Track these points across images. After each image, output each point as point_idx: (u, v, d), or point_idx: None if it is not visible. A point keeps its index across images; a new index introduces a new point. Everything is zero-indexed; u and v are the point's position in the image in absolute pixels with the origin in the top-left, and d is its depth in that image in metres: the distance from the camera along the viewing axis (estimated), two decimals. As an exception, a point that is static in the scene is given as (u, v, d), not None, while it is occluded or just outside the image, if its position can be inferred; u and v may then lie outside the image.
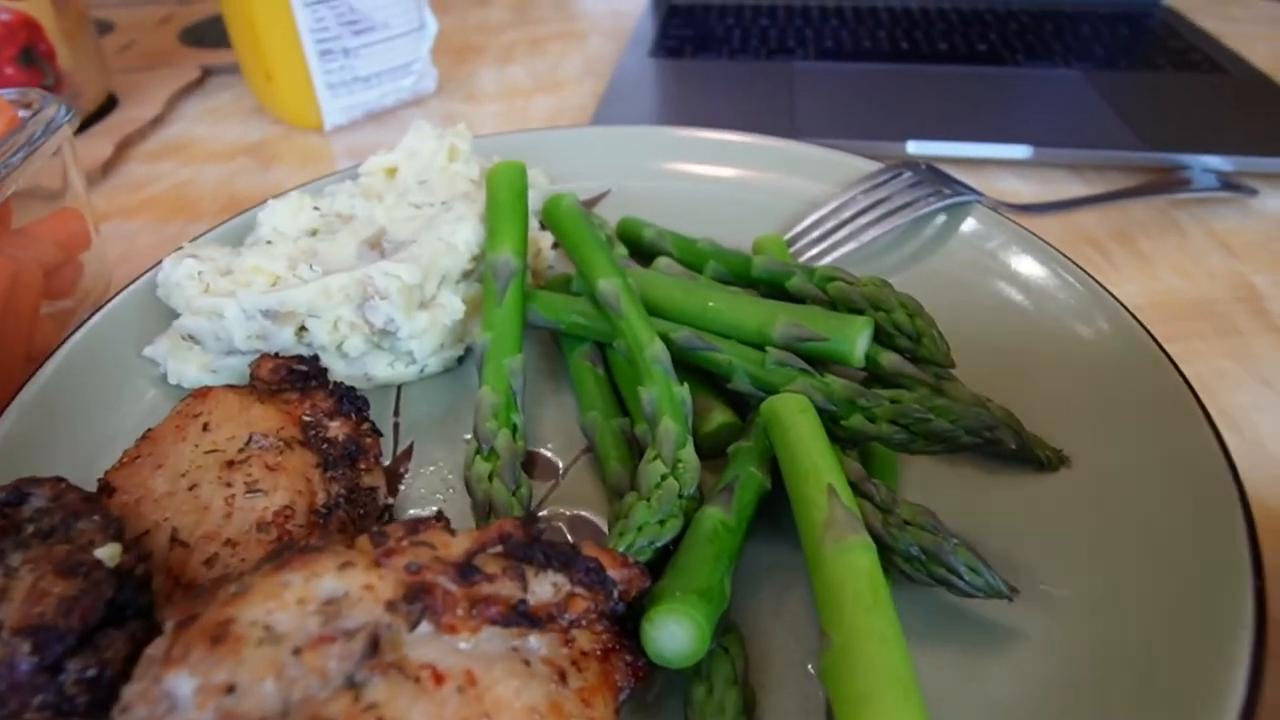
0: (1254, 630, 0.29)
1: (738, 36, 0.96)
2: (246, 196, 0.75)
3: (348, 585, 0.25)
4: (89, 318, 0.48)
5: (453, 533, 0.28)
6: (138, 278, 0.50)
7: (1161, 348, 0.42)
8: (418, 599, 0.25)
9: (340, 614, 0.25)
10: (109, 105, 0.90)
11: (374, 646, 0.24)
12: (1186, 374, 0.51)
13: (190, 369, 0.44)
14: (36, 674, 0.26)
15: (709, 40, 0.95)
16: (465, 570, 0.26)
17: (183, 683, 0.23)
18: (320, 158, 0.81)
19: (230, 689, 0.23)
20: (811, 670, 0.32)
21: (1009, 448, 0.36)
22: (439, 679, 0.24)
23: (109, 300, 0.49)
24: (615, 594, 0.28)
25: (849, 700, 0.26)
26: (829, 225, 0.54)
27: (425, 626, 0.25)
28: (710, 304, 0.43)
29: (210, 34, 1.07)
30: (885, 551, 0.32)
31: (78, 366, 0.45)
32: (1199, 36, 0.94)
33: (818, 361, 0.41)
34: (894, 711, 0.25)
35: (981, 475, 0.39)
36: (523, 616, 0.26)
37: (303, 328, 0.43)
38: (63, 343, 0.46)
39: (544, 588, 0.27)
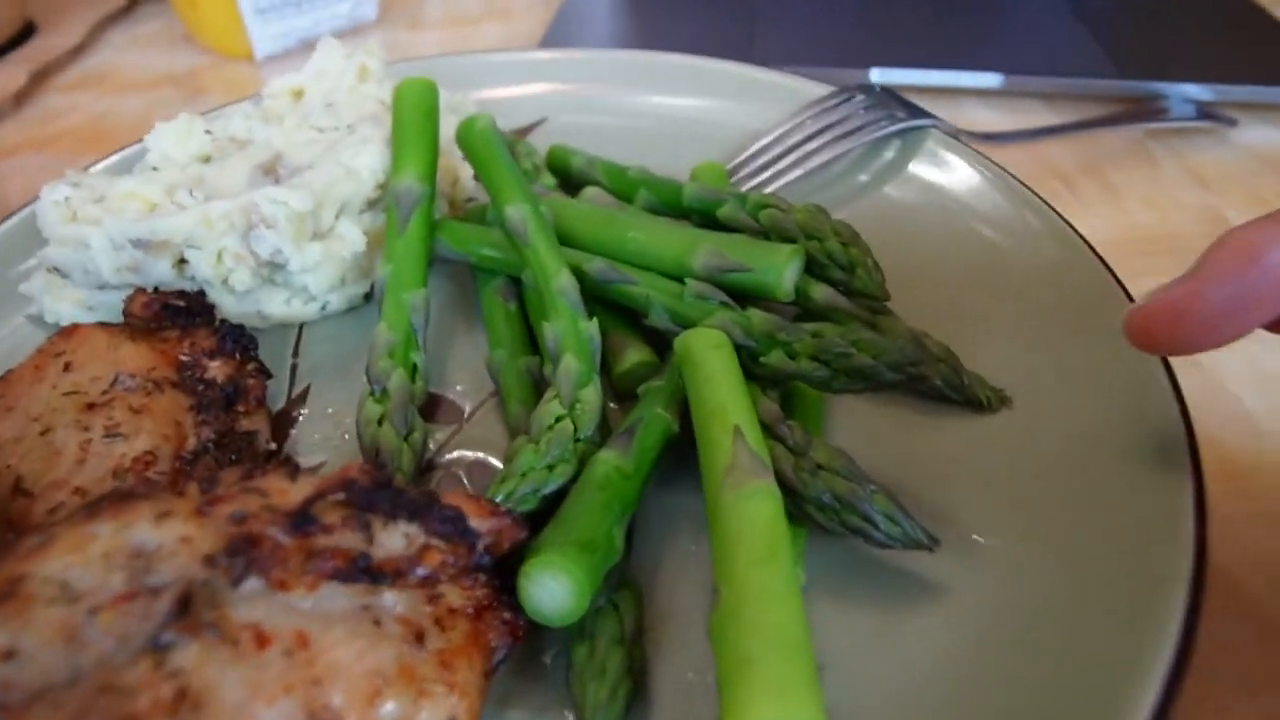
0: (1190, 586, 0.26)
1: (699, -41, 0.90)
2: (167, 128, 0.70)
3: (162, 537, 0.22)
4: (-35, 251, 0.44)
5: (294, 478, 0.25)
6: (20, 208, 0.47)
7: (1120, 283, 0.39)
8: (241, 552, 0.22)
9: (150, 569, 0.22)
10: (26, 32, 0.84)
11: (185, 605, 0.21)
12: (1147, 311, 0.48)
13: (65, 305, 0.41)
14: None
15: (669, -36, 0.90)
16: (299, 520, 0.23)
17: (-43, 649, 0.20)
18: (249, 88, 0.76)
19: (10, 654, 0.20)
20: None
21: (935, 384, 0.33)
22: (262, 641, 0.21)
23: (-12, 233, 0.45)
24: (480, 546, 0.25)
25: (731, 662, 0.23)
26: (774, 152, 0.50)
27: (254, 583, 0.22)
28: (630, 234, 0.39)
29: (142, -42, 1.01)
30: (795, 499, 0.29)
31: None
32: (1187, -40, 0.89)
33: (745, 296, 0.37)
34: (777, 678, 0.22)
35: (917, 418, 0.36)
36: (364, 572, 0.23)
37: (182, 260, 0.39)
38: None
39: (393, 539, 0.24)
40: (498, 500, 0.29)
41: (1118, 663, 0.26)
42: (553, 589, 0.26)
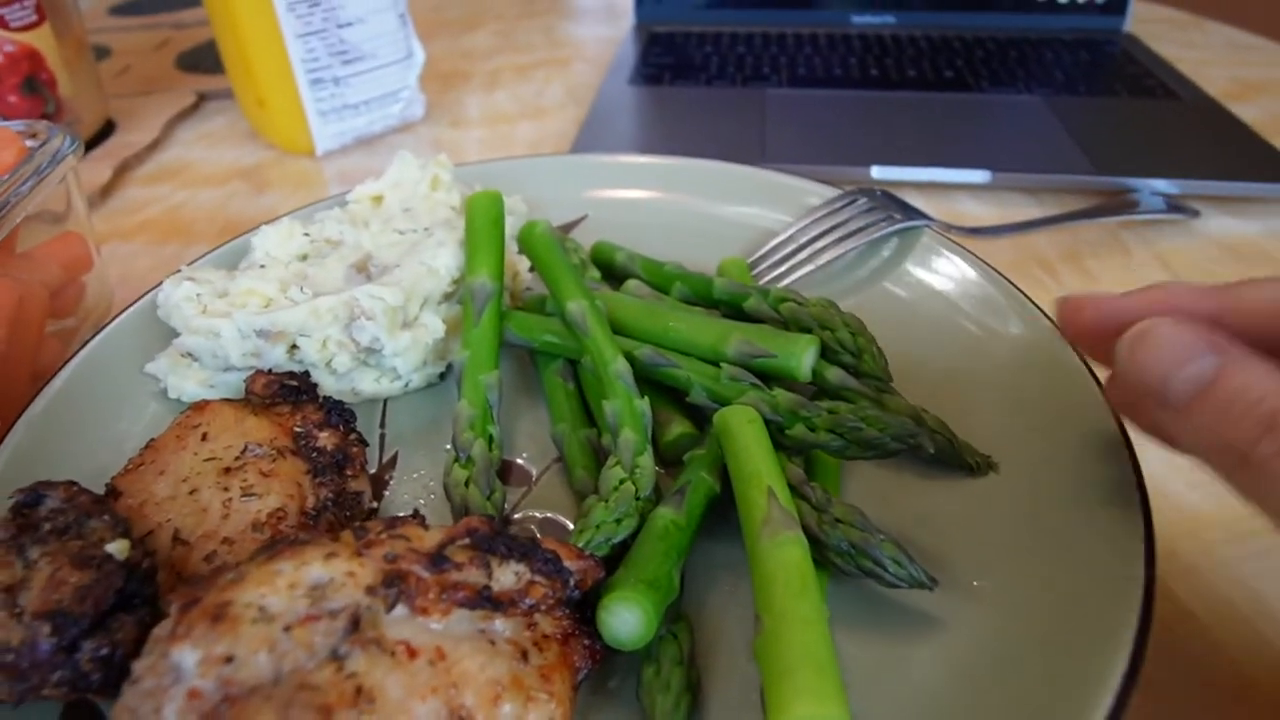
0: (1140, 614, 0.32)
1: (715, 64, 1.00)
2: (241, 219, 0.78)
3: (332, 572, 0.29)
4: (93, 336, 0.51)
5: (427, 528, 0.31)
6: (138, 299, 0.54)
7: (1087, 364, 0.46)
8: (394, 584, 0.29)
9: (325, 597, 0.28)
10: (107, 130, 0.93)
11: (355, 625, 0.28)
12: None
13: (189, 384, 0.48)
14: (55, 653, 0.29)
15: (687, 67, 1.00)
16: (436, 559, 0.29)
17: (186, 655, 0.26)
18: (312, 182, 0.85)
19: (229, 660, 0.26)
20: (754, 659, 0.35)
21: (929, 452, 0.39)
22: (412, 653, 0.28)
23: (111, 320, 0.52)
24: (571, 582, 0.32)
25: (773, 675, 0.29)
26: (789, 249, 0.58)
27: (401, 609, 0.29)
28: (671, 324, 0.46)
29: (206, 59, 1.11)
30: (819, 547, 0.36)
31: (82, 382, 0.49)
32: (1156, 63, 0.98)
33: (769, 377, 0.44)
34: (811, 683, 0.28)
35: (919, 481, 0.43)
36: (487, 600, 0.30)
37: (294, 346, 0.47)
38: (68, 360, 0.49)
39: (507, 576, 0.30)
40: (580, 546, 0.35)
41: (1079, 679, 0.31)
42: (626, 619, 0.33)
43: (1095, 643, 0.33)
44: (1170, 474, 0.48)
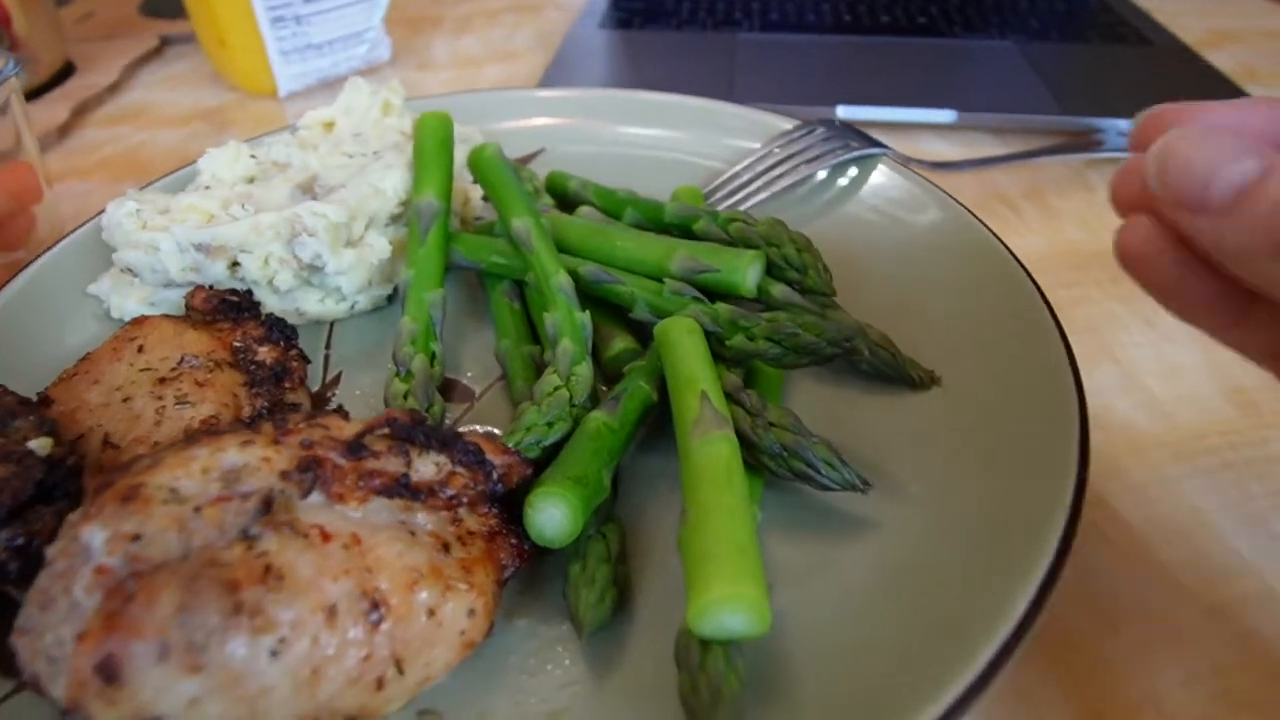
0: (1070, 508, 0.32)
1: (686, 9, 0.99)
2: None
3: (247, 458, 0.28)
4: (37, 258, 0.50)
5: (348, 420, 0.31)
6: (84, 223, 0.53)
7: (1038, 286, 0.45)
8: (309, 469, 0.28)
9: (239, 480, 0.28)
10: (66, 72, 0.91)
11: (268, 507, 0.27)
12: (1078, 315, 0.55)
13: (130, 302, 0.47)
14: (-32, 542, 0.29)
15: (658, 13, 0.98)
16: (354, 447, 0.29)
17: (95, 534, 0.26)
18: (274, 122, 0.83)
19: (136, 537, 0.26)
20: (685, 557, 0.35)
21: (867, 357, 0.39)
22: (326, 537, 0.27)
23: (57, 242, 0.51)
24: (494, 475, 0.31)
25: (694, 560, 0.29)
26: (745, 178, 0.57)
27: (317, 496, 0.29)
28: (617, 243, 0.46)
29: (169, 5, 1.09)
30: (752, 450, 0.35)
31: (25, 302, 0.48)
32: (1131, 11, 0.97)
33: (714, 292, 0.44)
34: (732, 568, 0.28)
35: (862, 395, 0.43)
36: (405, 488, 0.29)
37: (235, 263, 0.46)
38: (10, 280, 0.49)
39: (426, 466, 0.30)
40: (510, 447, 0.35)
41: (1005, 578, 0.31)
42: (553, 514, 0.32)
43: (1022, 544, 0.33)
44: (1120, 396, 0.49)
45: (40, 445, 0.32)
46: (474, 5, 1.10)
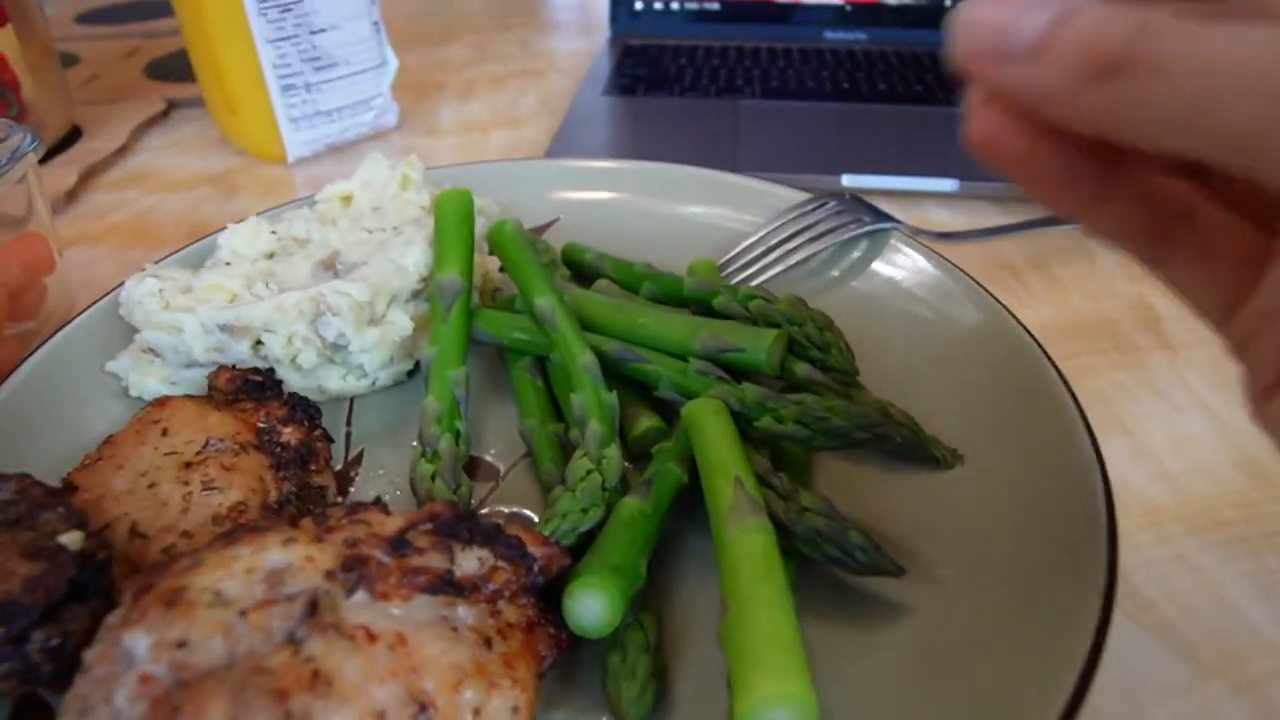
0: (1103, 594, 0.32)
1: (689, 76, 1.01)
2: (210, 224, 0.77)
3: (291, 557, 0.28)
4: (53, 334, 0.50)
5: (388, 514, 0.31)
6: (101, 298, 0.53)
7: (1053, 362, 0.46)
8: (354, 568, 0.28)
9: (283, 581, 0.28)
10: (73, 136, 0.92)
11: (313, 609, 0.27)
12: (1088, 386, 0.56)
13: (151, 381, 0.47)
14: (3, 644, 0.29)
15: (661, 79, 1.00)
16: (398, 544, 0.29)
17: (139, 641, 0.26)
18: (283, 188, 0.84)
19: (182, 644, 0.26)
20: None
21: (897, 442, 0.40)
22: (372, 638, 0.27)
23: (72, 319, 0.51)
24: (535, 568, 0.31)
25: (739, 656, 0.29)
26: (758, 250, 0.58)
27: (361, 595, 0.28)
28: (639, 320, 0.46)
29: (176, 68, 1.10)
30: (786, 535, 0.35)
31: (41, 381, 0.48)
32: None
33: (737, 372, 0.44)
34: (777, 665, 0.28)
35: (887, 475, 0.43)
36: (449, 585, 0.29)
37: (259, 342, 0.46)
38: (27, 357, 0.48)
39: (469, 561, 0.30)
40: (546, 534, 0.35)
41: (1040, 666, 0.31)
42: (592, 605, 0.32)
43: (1058, 628, 0.33)
44: (1133, 468, 0.49)
45: (72, 540, 0.32)
46: (478, 70, 1.12)
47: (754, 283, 0.57)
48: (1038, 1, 0.23)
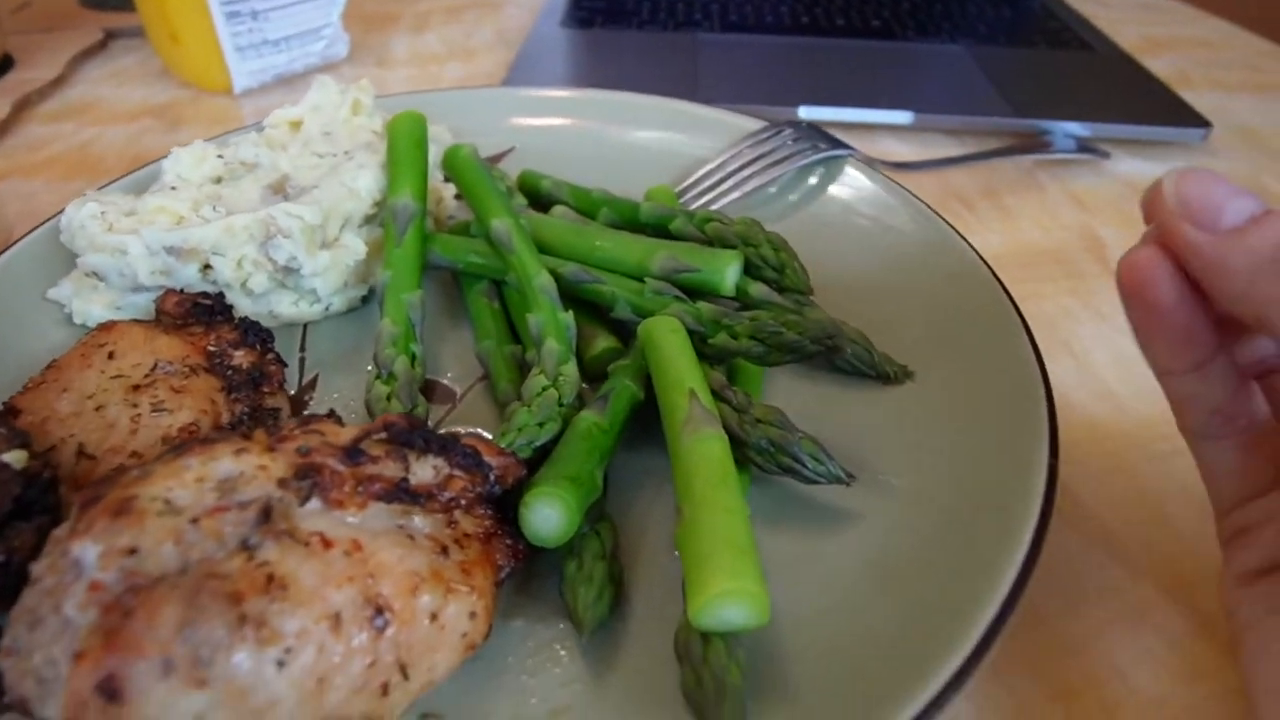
0: (1043, 497, 0.34)
1: (646, 9, 0.99)
2: (153, 157, 0.74)
3: (243, 466, 0.28)
4: (-7, 261, 0.49)
5: (342, 424, 0.31)
6: (39, 225, 0.51)
7: (1001, 283, 0.47)
8: (307, 476, 0.28)
9: (235, 489, 0.27)
10: (4, 66, 0.88)
11: (267, 516, 0.27)
12: (1035, 310, 0.57)
13: (95, 307, 0.46)
14: (-53, 559, 0.28)
15: (619, 12, 0.98)
16: (352, 452, 0.29)
17: (87, 549, 0.26)
18: (230, 120, 0.81)
19: (132, 551, 0.25)
20: (677, 554, 0.36)
21: (848, 357, 0.40)
22: (327, 544, 0.27)
23: (10, 245, 0.50)
24: (491, 477, 0.31)
25: (694, 559, 0.30)
26: (716, 178, 0.58)
27: (315, 502, 0.28)
28: (597, 243, 0.46)
29: (113, -3, 1.05)
30: (740, 446, 0.36)
31: (-19, 309, 0.46)
32: (1073, 18, 1.01)
33: (693, 292, 0.44)
34: (730, 566, 0.29)
35: (838, 390, 0.44)
36: (404, 493, 0.29)
37: (207, 266, 0.45)
38: (-36, 287, 0.47)
39: (424, 469, 0.30)
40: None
41: (986, 565, 0.33)
42: (548, 514, 0.33)
43: (1000, 532, 0.34)
44: (1078, 388, 0.51)
45: (15, 459, 0.31)
46: (433, 2, 1.09)
47: (711, 209, 0.57)
48: (1245, 193, 0.28)
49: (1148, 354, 0.32)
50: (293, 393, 0.45)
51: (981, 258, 0.49)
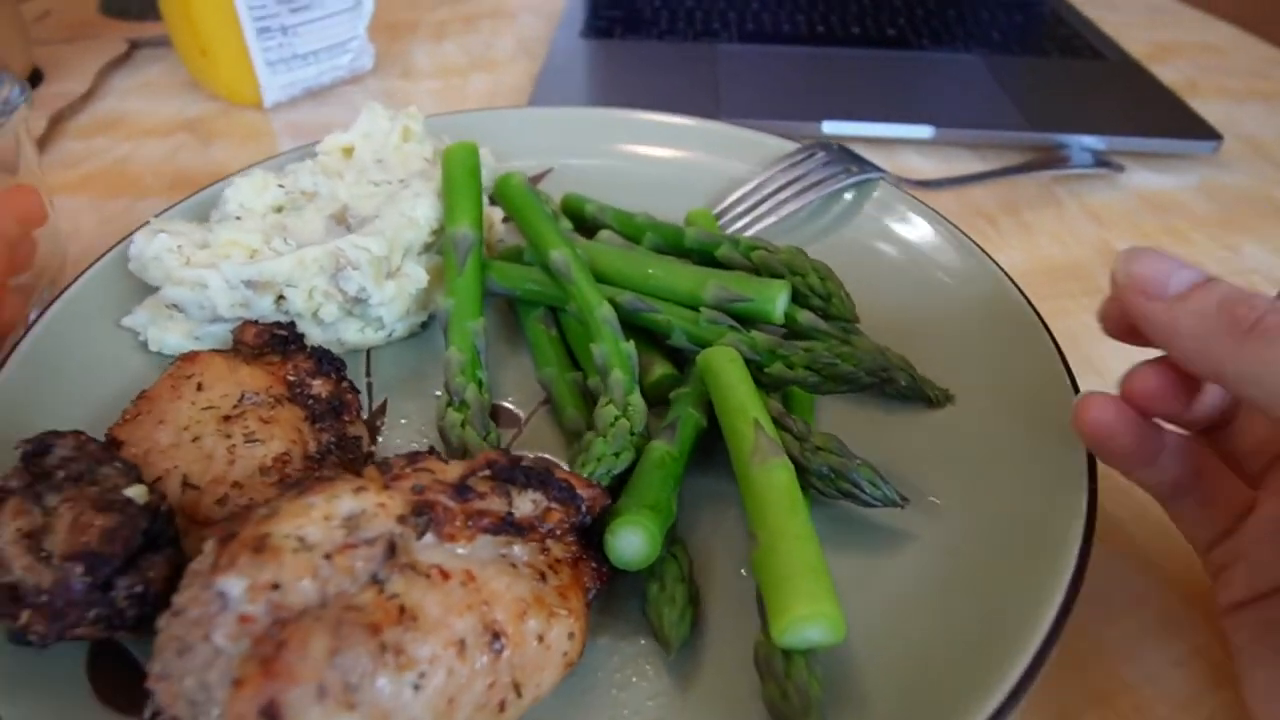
0: (1085, 519, 0.36)
1: (665, 18, 1.01)
2: (190, 173, 0.77)
3: (364, 504, 0.30)
4: (62, 292, 0.50)
5: (446, 462, 0.33)
6: (106, 251, 0.53)
7: (1032, 305, 0.50)
8: (423, 513, 0.30)
9: (360, 526, 0.30)
10: (34, 79, 0.89)
11: (391, 551, 0.29)
12: (1058, 327, 0.59)
13: (172, 336, 0.48)
14: (90, 592, 0.31)
15: (638, 22, 1.00)
16: (461, 489, 0.31)
17: (233, 584, 0.28)
18: (261, 134, 0.83)
19: (276, 586, 0.28)
20: (744, 573, 0.39)
21: (900, 386, 0.43)
22: (445, 576, 0.30)
23: (81, 274, 0.51)
24: (583, 509, 0.34)
25: (773, 584, 0.32)
26: (752, 200, 0.60)
27: (429, 537, 0.31)
28: (650, 271, 0.49)
29: (132, 4, 1.06)
30: (801, 472, 0.39)
31: (56, 339, 0.48)
32: (1083, 24, 1.03)
33: (744, 319, 0.47)
34: (808, 589, 0.32)
35: (883, 414, 0.47)
36: (509, 526, 0.32)
37: (280, 296, 0.47)
38: (40, 316, 0.49)
39: (525, 504, 0.33)
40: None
41: (1032, 585, 0.35)
42: (633, 540, 0.35)
43: (1045, 551, 0.37)
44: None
45: (137, 494, 0.34)
46: (449, 10, 1.10)
47: (748, 232, 0.59)
48: (1188, 265, 0.32)
49: (1111, 465, 0.38)
50: (364, 417, 0.47)
51: (1012, 280, 0.51)
